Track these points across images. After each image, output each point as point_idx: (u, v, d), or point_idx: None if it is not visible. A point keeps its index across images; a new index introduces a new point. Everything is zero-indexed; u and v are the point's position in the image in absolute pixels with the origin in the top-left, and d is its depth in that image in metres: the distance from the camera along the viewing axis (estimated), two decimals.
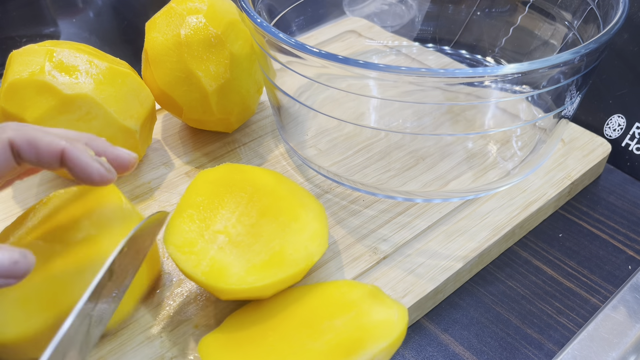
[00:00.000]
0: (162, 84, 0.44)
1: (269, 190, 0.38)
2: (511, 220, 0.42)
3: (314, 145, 0.48)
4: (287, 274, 0.33)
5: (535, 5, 0.51)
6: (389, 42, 0.61)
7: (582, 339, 0.37)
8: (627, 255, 0.42)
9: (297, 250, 0.34)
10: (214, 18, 0.44)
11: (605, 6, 0.41)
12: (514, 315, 0.39)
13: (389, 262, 0.39)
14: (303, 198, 0.38)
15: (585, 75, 0.38)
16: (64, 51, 0.41)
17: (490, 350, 0.36)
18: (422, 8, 0.59)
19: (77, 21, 0.75)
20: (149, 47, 0.44)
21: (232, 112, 0.46)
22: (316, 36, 0.61)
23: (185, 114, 0.45)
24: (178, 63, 0.43)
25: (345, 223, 0.42)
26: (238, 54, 0.45)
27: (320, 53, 0.35)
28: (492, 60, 0.56)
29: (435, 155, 0.46)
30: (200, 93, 0.44)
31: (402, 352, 0.36)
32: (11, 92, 0.40)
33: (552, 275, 0.41)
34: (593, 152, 0.47)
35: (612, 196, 0.47)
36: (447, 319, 0.38)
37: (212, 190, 0.37)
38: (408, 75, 0.33)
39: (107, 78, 0.41)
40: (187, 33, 0.43)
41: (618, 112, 0.49)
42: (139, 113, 0.43)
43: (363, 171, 0.45)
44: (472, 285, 0.40)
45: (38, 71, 0.40)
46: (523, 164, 0.44)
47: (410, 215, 0.42)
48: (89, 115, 0.40)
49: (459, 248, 0.40)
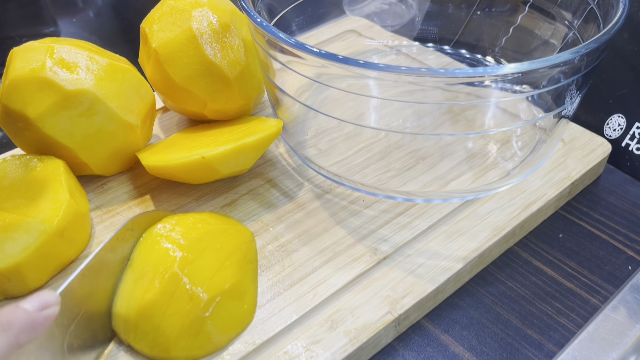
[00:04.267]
0: (181, 80, 0.44)
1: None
2: (511, 220, 0.42)
3: (314, 145, 0.48)
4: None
5: (536, 5, 0.51)
6: (389, 41, 0.60)
7: (582, 340, 0.37)
8: (627, 255, 0.42)
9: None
10: (217, 8, 0.45)
11: (606, 6, 0.41)
12: (514, 315, 0.38)
13: (389, 262, 0.39)
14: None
15: (586, 75, 0.38)
16: (64, 48, 0.41)
17: (491, 350, 0.36)
18: (422, 7, 0.59)
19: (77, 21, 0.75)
20: (159, 46, 0.44)
21: (252, 97, 0.47)
22: (316, 36, 0.61)
23: (208, 105, 0.46)
24: (195, 57, 0.44)
25: (345, 223, 0.42)
26: (247, 39, 0.46)
27: (320, 53, 0.35)
28: (492, 60, 0.56)
29: (435, 155, 0.46)
30: (223, 82, 0.45)
31: (402, 353, 0.36)
32: (13, 89, 0.40)
33: (552, 276, 0.41)
34: (593, 152, 0.47)
35: (612, 196, 0.47)
36: (447, 320, 0.38)
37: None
38: (408, 75, 0.33)
39: (108, 74, 0.42)
40: (199, 26, 0.44)
41: (618, 112, 0.49)
42: (140, 108, 0.43)
43: (363, 171, 0.45)
44: (473, 286, 0.40)
45: (39, 67, 0.40)
46: (523, 164, 0.44)
47: (411, 216, 0.42)
48: (90, 110, 0.41)
49: (459, 248, 0.40)
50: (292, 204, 0.44)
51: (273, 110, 0.48)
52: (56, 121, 0.40)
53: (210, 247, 0.36)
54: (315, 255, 0.40)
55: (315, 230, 0.41)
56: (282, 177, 0.46)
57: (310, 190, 0.45)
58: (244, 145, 0.40)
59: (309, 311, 0.36)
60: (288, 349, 0.34)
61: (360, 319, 0.36)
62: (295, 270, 0.39)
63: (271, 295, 0.37)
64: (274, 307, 0.36)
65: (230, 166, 0.41)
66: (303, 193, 0.45)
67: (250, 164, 0.43)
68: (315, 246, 0.40)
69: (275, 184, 0.45)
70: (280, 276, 0.38)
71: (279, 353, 0.34)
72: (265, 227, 0.42)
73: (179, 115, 0.52)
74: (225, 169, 0.41)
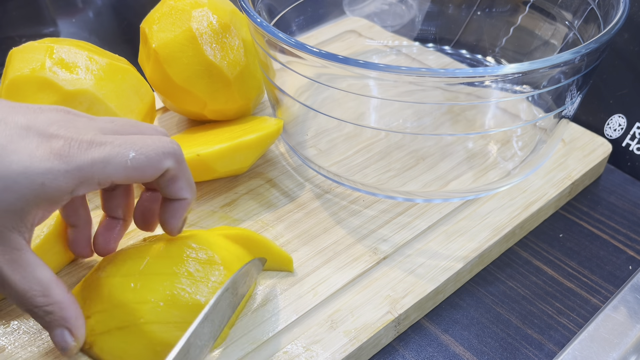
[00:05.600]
0: (180, 81, 0.44)
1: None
2: (511, 220, 0.42)
3: (314, 145, 0.48)
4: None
5: (536, 5, 0.51)
6: (389, 42, 0.60)
7: (582, 340, 0.37)
8: (627, 255, 0.42)
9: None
10: (217, 9, 0.45)
11: (606, 6, 0.41)
12: (515, 315, 0.38)
13: (389, 262, 0.39)
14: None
15: (586, 75, 0.38)
16: (64, 48, 0.41)
17: (491, 350, 0.36)
18: (422, 8, 0.59)
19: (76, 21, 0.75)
20: (158, 47, 0.44)
21: (251, 97, 0.47)
22: (316, 36, 0.61)
23: (208, 106, 0.46)
24: (195, 57, 0.44)
25: (345, 223, 0.42)
26: (247, 40, 0.46)
27: (320, 53, 0.35)
28: (493, 60, 0.56)
29: (435, 155, 0.46)
30: (223, 83, 0.44)
31: (402, 352, 0.36)
32: (12, 89, 0.40)
33: (552, 276, 0.41)
34: (593, 152, 0.47)
35: (613, 196, 0.47)
36: (448, 320, 0.38)
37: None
38: (408, 75, 0.33)
39: (107, 74, 0.42)
40: (198, 26, 0.44)
41: (618, 112, 0.49)
42: (140, 108, 0.43)
43: (363, 171, 0.45)
44: (473, 286, 0.40)
45: (39, 68, 0.40)
46: (523, 164, 0.44)
47: (411, 216, 0.42)
48: (90, 110, 0.41)
49: (459, 248, 0.40)
50: (292, 204, 0.44)
51: (273, 111, 0.48)
52: None
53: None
54: (315, 255, 0.40)
55: (315, 230, 0.41)
56: (282, 177, 0.46)
57: (310, 190, 0.45)
58: (240, 143, 0.41)
59: (308, 311, 0.36)
60: (288, 349, 0.34)
61: (360, 318, 0.36)
62: (295, 270, 0.39)
63: (271, 295, 0.37)
64: (274, 307, 0.36)
65: (227, 165, 0.41)
66: (303, 193, 0.45)
67: (248, 162, 0.43)
68: (315, 246, 0.40)
69: (275, 184, 0.45)
70: (281, 276, 0.38)
71: (279, 353, 0.34)
72: (265, 227, 0.42)
73: (179, 115, 0.52)
74: (221, 167, 0.41)
